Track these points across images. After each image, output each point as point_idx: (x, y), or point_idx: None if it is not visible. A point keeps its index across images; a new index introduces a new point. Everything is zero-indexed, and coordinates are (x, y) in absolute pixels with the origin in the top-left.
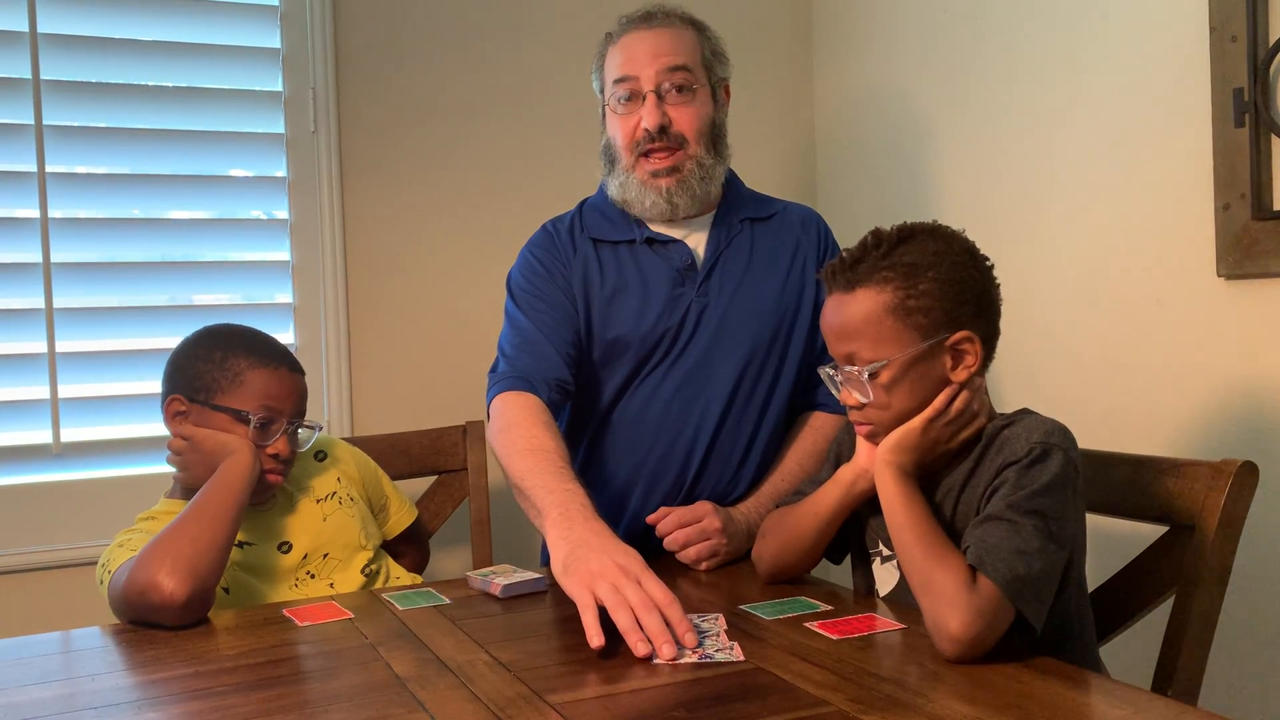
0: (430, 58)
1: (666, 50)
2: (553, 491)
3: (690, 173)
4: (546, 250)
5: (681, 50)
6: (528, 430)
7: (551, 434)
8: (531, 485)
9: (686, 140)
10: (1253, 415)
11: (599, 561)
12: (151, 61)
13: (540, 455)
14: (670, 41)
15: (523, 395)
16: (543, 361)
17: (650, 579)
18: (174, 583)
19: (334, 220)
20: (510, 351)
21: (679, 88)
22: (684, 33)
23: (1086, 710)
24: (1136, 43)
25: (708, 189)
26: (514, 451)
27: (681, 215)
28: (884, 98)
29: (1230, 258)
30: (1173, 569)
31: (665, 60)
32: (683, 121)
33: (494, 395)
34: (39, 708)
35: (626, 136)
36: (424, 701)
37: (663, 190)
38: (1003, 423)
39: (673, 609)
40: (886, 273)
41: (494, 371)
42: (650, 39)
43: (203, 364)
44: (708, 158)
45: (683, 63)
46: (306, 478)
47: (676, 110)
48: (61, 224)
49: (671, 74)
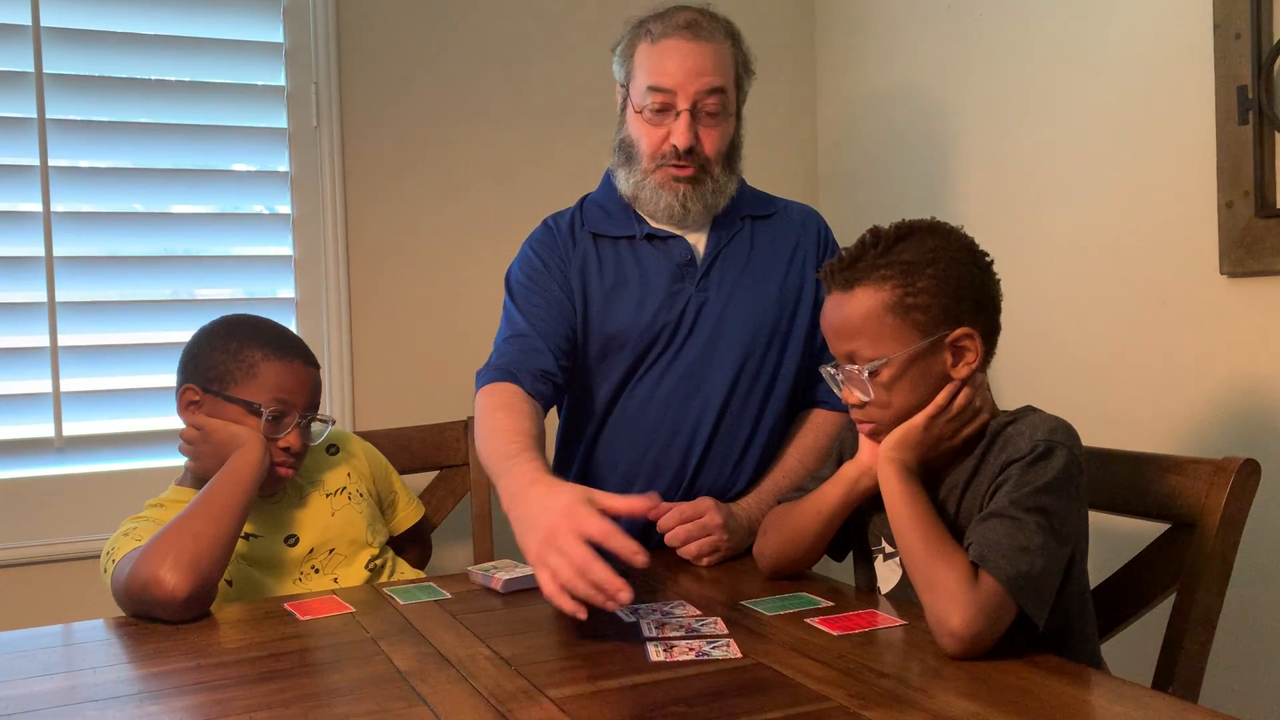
0: (433, 53)
1: (709, 70)
2: (501, 474)
3: (706, 187)
4: (545, 245)
5: (722, 70)
6: (491, 415)
7: (512, 414)
8: (491, 470)
9: (709, 162)
10: (1255, 413)
11: (535, 539)
12: (154, 56)
13: (496, 435)
14: (713, 60)
15: (500, 385)
16: (528, 354)
17: (570, 539)
18: (176, 579)
19: (336, 215)
20: (500, 345)
21: (712, 112)
22: (725, 49)
23: (1087, 707)
24: (1141, 40)
25: (717, 201)
26: (480, 440)
27: (692, 223)
28: (887, 95)
29: (1233, 255)
30: (1174, 566)
31: (707, 81)
32: (709, 144)
33: (477, 390)
34: (41, 700)
35: (652, 146)
36: (425, 695)
37: (679, 193)
38: (1006, 420)
39: (594, 567)
40: (885, 271)
41: (485, 366)
42: (694, 54)
43: (218, 354)
44: (723, 175)
45: (721, 84)
46: (318, 471)
47: (706, 132)
48: (64, 218)
49: (709, 96)
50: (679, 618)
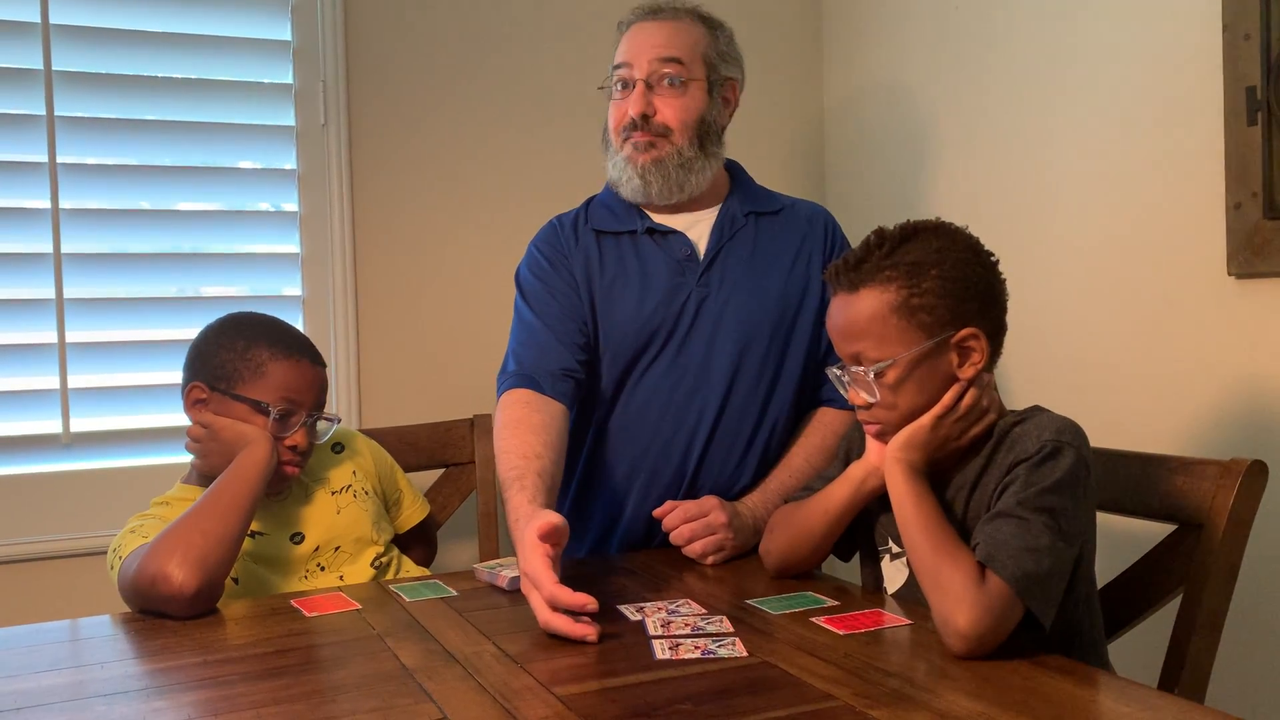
0: (441, 50)
1: (662, 42)
2: (505, 499)
3: (668, 157)
4: (550, 244)
5: (678, 43)
6: (499, 435)
7: (519, 430)
8: (507, 501)
9: (670, 130)
10: (1262, 414)
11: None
12: (162, 53)
13: (501, 459)
14: (669, 34)
15: (516, 394)
16: (546, 354)
17: (531, 589)
18: (184, 574)
19: (343, 213)
20: (516, 349)
21: (669, 80)
22: (688, 27)
23: (1093, 707)
24: (1149, 40)
25: (685, 179)
26: (498, 457)
27: (655, 198)
28: (893, 91)
29: (1241, 257)
30: (1181, 567)
31: (660, 51)
32: (667, 112)
33: (499, 395)
34: (49, 695)
35: (616, 121)
36: (431, 692)
37: (637, 165)
38: (1014, 420)
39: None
40: (890, 272)
41: (502, 372)
42: (652, 30)
43: (225, 353)
44: (690, 149)
45: (676, 55)
46: (323, 469)
47: (663, 100)
48: (72, 215)
49: (664, 64)
50: (684, 616)
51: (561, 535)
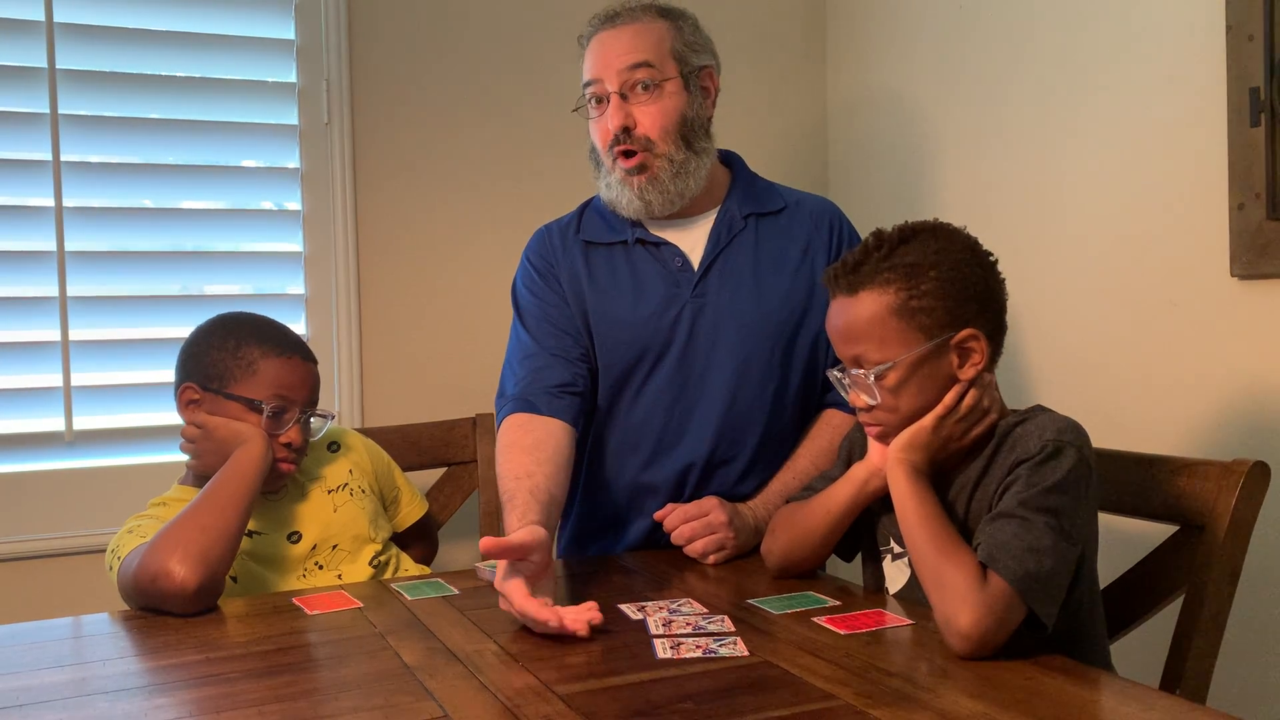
0: (444, 49)
1: (628, 48)
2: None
3: (661, 169)
4: (539, 254)
5: (642, 46)
6: (497, 459)
7: (513, 452)
8: (504, 525)
9: (652, 141)
10: (1265, 415)
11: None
12: (166, 52)
13: (499, 482)
14: (630, 39)
15: (513, 419)
16: (541, 373)
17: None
18: (185, 570)
19: (346, 212)
20: (514, 368)
21: (643, 85)
22: (649, 26)
23: (1095, 708)
24: (1153, 41)
25: (684, 185)
26: (497, 483)
27: (658, 213)
28: (897, 91)
29: (1244, 258)
30: (1183, 568)
31: (626, 59)
32: (646, 122)
33: (497, 423)
34: (52, 691)
35: (603, 140)
36: (432, 690)
37: (635, 187)
38: (1016, 420)
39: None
40: (888, 274)
41: (500, 396)
42: (612, 38)
43: (216, 353)
44: (679, 153)
45: (643, 59)
46: (319, 468)
47: (641, 110)
48: (76, 213)
49: (633, 72)
50: (686, 615)
51: (518, 550)
